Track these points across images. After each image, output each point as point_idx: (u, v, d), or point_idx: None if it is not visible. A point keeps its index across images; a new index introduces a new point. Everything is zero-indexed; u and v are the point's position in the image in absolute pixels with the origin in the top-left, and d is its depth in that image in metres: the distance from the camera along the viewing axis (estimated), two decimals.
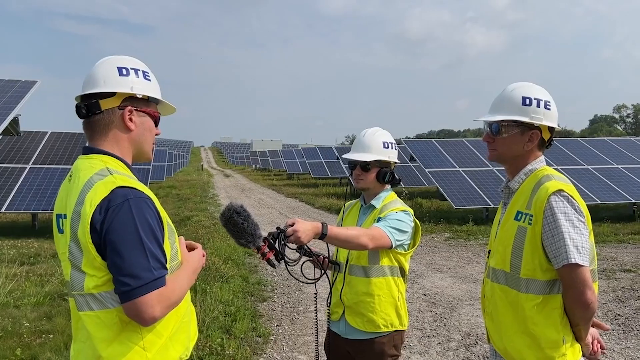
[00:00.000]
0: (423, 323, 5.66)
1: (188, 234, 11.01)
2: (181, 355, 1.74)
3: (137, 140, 1.78)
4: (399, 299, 2.59)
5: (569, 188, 1.91)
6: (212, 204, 18.33)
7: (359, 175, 2.64)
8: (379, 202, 2.65)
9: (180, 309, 1.74)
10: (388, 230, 2.44)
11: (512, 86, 2.10)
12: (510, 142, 2.05)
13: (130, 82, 1.74)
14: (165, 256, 1.63)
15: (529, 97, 2.02)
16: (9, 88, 8.60)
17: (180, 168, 49.75)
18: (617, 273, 7.76)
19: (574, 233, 1.82)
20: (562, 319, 1.89)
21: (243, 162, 65.06)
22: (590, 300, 1.82)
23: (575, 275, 1.80)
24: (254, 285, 7.15)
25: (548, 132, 2.06)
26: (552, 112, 2.04)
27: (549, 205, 1.86)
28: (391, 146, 2.67)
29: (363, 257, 2.53)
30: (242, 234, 2.00)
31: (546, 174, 1.99)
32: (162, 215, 1.68)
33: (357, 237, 2.31)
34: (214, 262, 7.62)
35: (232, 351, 4.46)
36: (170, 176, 34.03)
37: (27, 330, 4.98)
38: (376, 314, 2.53)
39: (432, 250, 10.06)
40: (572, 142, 16.62)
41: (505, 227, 2.04)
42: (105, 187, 1.58)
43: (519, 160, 2.07)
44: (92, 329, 1.60)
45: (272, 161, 46.46)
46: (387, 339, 2.55)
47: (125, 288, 1.51)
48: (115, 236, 1.53)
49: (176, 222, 13.17)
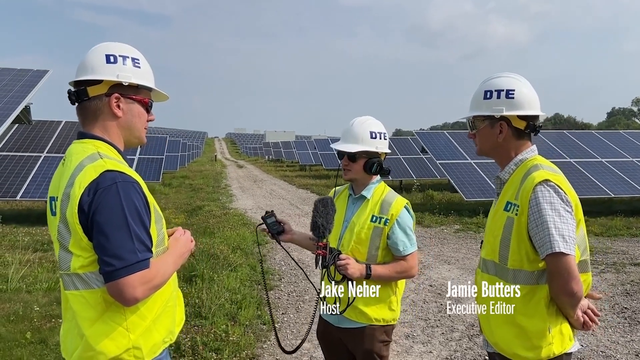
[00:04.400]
0: (427, 314, 5.68)
1: (199, 223, 11.13)
2: (165, 339, 1.78)
3: (125, 126, 1.82)
4: (395, 293, 2.61)
5: (556, 178, 1.89)
6: (224, 194, 18.46)
7: (347, 165, 2.63)
8: (370, 193, 2.63)
9: (165, 293, 1.78)
10: (412, 249, 2.56)
11: (482, 82, 2.12)
12: (483, 136, 2.09)
13: (117, 69, 1.78)
14: (150, 240, 1.67)
15: (489, 90, 2.04)
16: (21, 77, 8.74)
17: (194, 158, 50.08)
18: (627, 267, 7.69)
19: (560, 222, 1.81)
20: (548, 309, 1.89)
21: (256, 153, 65.24)
22: (575, 290, 1.82)
23: (560, 264, 1.80)
24: (261, 274, 7.20)
25: (520, 120, 2.02)
26: (516, 100, 2.01)
27: (535, 195, 1.86)
28: (380, 136, 2.63)
29: (361, 257, 2.53)
30: (327, 218, 2.41)
31: (535, 164, 1.98)
32: (149, 200, 1.71)
33: (402, 273, 2.55)
34: (222, 250, 7.70)
35: (236, 337, 4.52)
36: (184, 166, 34.29)
37: (37, 314, 5.10)
38: (370, 309, 2.54)
39: (441, 242, 10.04)
40: (586, 134, 16.41)
41: (495, 218, 2.05)
42: (95, 170, 1.62)
43: (502, 152, 2.07)
44: (77, 307, 1.66)
45: (284, 152, 46.52)
46: (378, 327, 2.57)
47: (109, 268, 1.56)
48: (101, 217, 1.57)
49: (188, 211, 13.31)
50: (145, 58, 1.89)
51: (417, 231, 11.28)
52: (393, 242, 2.53)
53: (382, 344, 2.58)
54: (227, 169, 36.66)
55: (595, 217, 12.08)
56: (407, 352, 4.61)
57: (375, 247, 2.53)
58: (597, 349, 4.63)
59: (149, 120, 1.92)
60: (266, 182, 24.72)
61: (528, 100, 2.02)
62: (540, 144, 15.20)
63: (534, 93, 2.06)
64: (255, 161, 51.72)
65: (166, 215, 11.53)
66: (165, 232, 1.86)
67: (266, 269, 7.52)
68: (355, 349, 2.59)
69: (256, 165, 42.50)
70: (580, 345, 2.02)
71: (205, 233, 9.88)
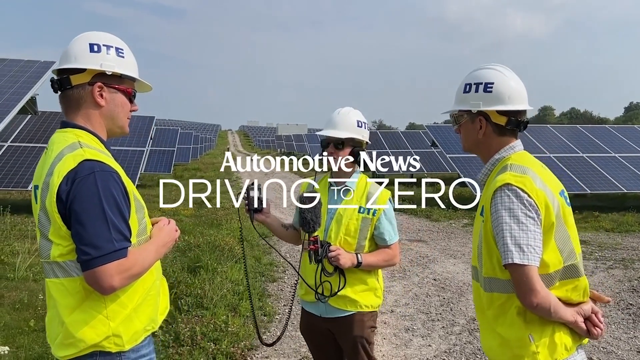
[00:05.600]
0: (429, 307, 5.66)
1: (207, 215, 11.19)
2: (146, 327, 1.79)
3: (108, 115, 1.83)
4: (379, 282, 2.67)
5: (519, 180, 1.74)
6: (234, 187, 18.53)
7: (332, 153, 2.61)
8: (354, 184, 2.63)
9: (147, 282, 1.79)
10: (396, 238, 2.65)
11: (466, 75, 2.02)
12: (464, 131, 1.99)
13: (101, 58, 1.78)
14: (129, 229, 1.67)
15: (469, 84, 1.94)
16: (28, 69, 8.84)
17: (207, 151, 50.31)
18: (635, 263, 7.58)
19: (518, 230, 1.67)
20: (525, 317, 1.75)
21: (269, 146, 65.30)
22: (534, 303, 1.66)
23: (516, 276, 1.68)
24: (265, 266, 7.24)
25: (500, 116, 1.89)
26: (494, 94, 1.88)
27: (494, 201, 1.74)
28: (364, 125, 2.65)
29: (350, 248, 2.55)
30: (315, 212, 2.45)
31: (506, 164, 1.84)
32: (129, 189, 1.72)
33: (388, 261, 2.64)
34: (227, 242, 7.73)
35: (235, 328, 4.55)
36: (196, 159, 34.46)
37: (42, 303, 5.17)
38: (359, 296, 2.58)
39: (448, 236, 10.00)
40: (600, 129, 16.17)
41: (475, 223, 1.95)
42: (74, 159, 1.64)
43: (483, 149, 1.96)
44: (57, 295, 1.67)
45: (296, 145, 46.53)
46: (366, 313, 2.61)
47: (86, 257, 1.57)
48: (79, 206, 1.58)
49: (198, 203, 13.37)
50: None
51: (425, 225, 11.25)
52: (380, 233, 2.58)
53: (370, 329, 2.62)
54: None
55: (607, 213, 11.93)
56: (406, 345, 4.61)
57: (363, 238, 2.57)
58: (598, 344, 4.58)
59: (132, 110, 1.92)
60: (276, 175, 24.77)
61: (509, 94, 1.88)
62: (553, 139, 15.04)
63: (520, 86, 1.92)
64: (267, 153, 51.78)
65: (176, 207, 11.63)
66: (148, 221, 1.86)
67: (270, 261, 7.55)
68: (344, 337, 2.61)
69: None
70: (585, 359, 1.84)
71: (213, 225, 9.94)
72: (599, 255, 8.12)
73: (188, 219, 10.58)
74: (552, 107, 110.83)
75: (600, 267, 7.41)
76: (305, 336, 2.83)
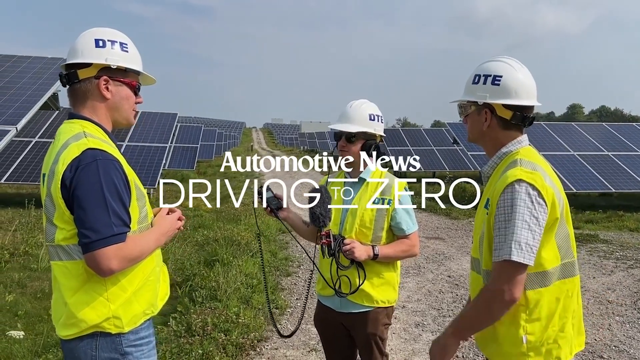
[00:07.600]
0: (441, 303, 5.66)
1: (227, 210, 11.34)
2: (146, 311, 1.88)
3: (113, 107, 1.91)
4: (397, 274, 2.65)
5: (531, 176, 1.73)
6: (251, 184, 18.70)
7: (344, 146, 2.61)
8: (368, 175, 2.63)
9: (147, 268, 1.87)
10: (414, 227, 2.62)
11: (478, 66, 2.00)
12: (470, 122, 1.98)
13: (106, 53, 1.87)
14: (128, 215, 1.76)
15: (479, 75, 1.93)
16: (51, 65, 9.12)
17: (231, 148, 50.80)
18: None
19: (520, 228, 1.67)
20: (529, 316, 1.74)
21: (292, 144, 65.60)
22: (516, 298, 1.68)
23: (508, 271, 1.68)
24: (280, 261, 7.33)
25: (506, 109, 1.87)
26: (502, 87, 1.86)
27: (504, 196, 1.73)
28: (377, 119, 2.63)
29: (366, 239, 2.54)
30: (324, 206, 2.46)
31: (515, 159, 1.82)
32: (130, 178, 1.80)
33: (407, 252, 2.59)
34: (243, 236, 7.84)
35: (246, 320, 4.63)
36: (220, 155, 34.83)
37: None
38: (376, 290, 2.55)
39: (466, 234, 9.93)
40: (626, 127, 15.80)
41: (478, 215, 1.94)
42: (78, 148, 1.73)
43: (488, 141, 1.96)
44: (61, 277, 1.77)
45: (319, 143, 46.65)
46: (382, 309, 2.58)
47: (86, 240, 1.66)
48: (81, 192, 1.67)
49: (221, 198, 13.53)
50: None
51: (444, 223, 11.20)
52: (397, 223, 2.55)
53: (385, 326, 2.61)
54: (262, 160, 37.03)
55: (632, 212, 11.69)
56: (415, 340, 4.63)
57: (380, 229, 2.54)
58: (610, 343, 4.53)
59: (137, 102, 2.01)
60: (298, 172, 24.88)
61: (516, 88, 1.85)
62: (578, 137, 14.77)
63: (529, 81, 1.89)
64: (291, 151, 51.98)
65: (197, 201, 11.82)
66: (149, 210, 1.95)
67: (286, 256, 7.64)
68: (358, 333, 2.60)
69: (290, 156, 42.71)
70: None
71: (232, 220, 10.08)
72: (620, 255, 7.98)
73: (209, 214, 10.75)
74: (581, 105, 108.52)
75: (620, 266, 7.29)
76: (318, 328, 2.80)
